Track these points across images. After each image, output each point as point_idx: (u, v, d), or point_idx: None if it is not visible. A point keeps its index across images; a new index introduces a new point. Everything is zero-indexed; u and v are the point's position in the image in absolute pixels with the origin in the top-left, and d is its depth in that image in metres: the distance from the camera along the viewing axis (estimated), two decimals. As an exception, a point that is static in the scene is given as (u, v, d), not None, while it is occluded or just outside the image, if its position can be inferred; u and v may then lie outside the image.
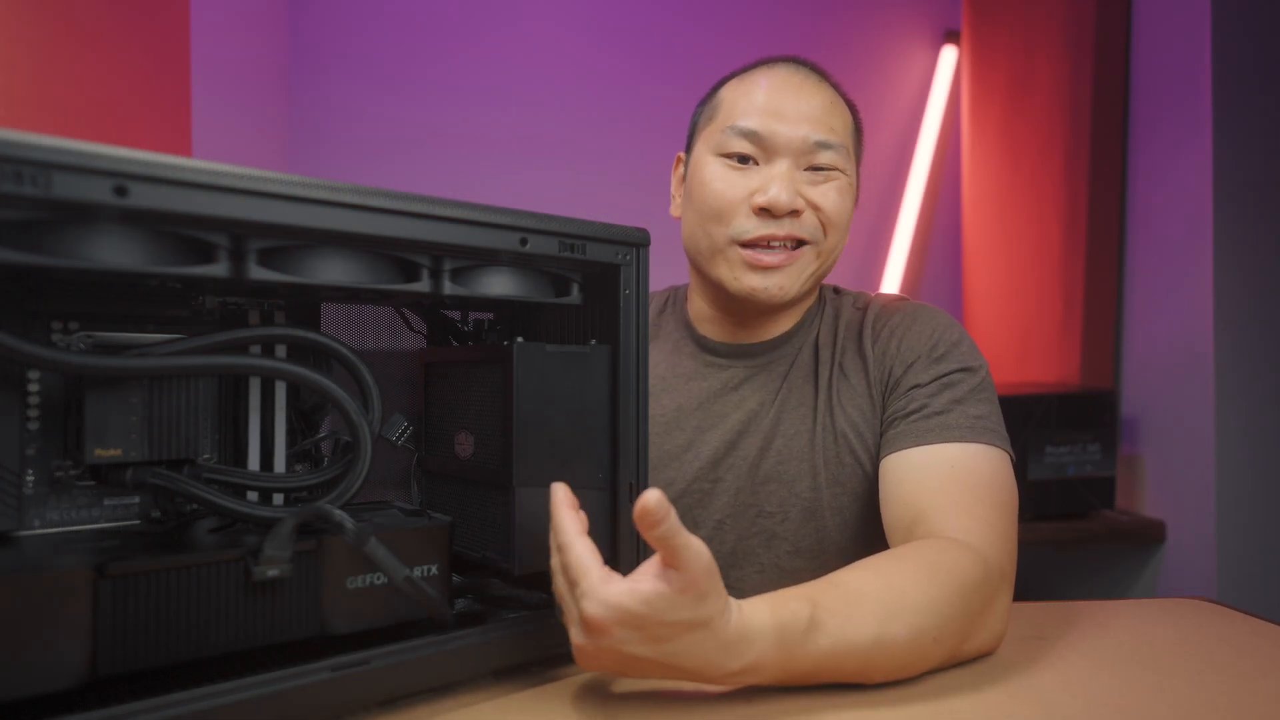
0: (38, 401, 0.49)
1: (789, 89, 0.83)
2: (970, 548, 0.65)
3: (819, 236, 0.83)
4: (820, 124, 0.82)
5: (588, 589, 0.48)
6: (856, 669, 0.55)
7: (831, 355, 0.87)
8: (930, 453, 0.75)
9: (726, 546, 0.86)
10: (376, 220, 0.49)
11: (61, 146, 0.39)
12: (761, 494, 0.85)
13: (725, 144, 0.83)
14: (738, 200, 0.82)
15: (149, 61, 1.41)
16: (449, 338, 0.69)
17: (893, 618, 0.56)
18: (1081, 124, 1.76)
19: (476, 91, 2.13)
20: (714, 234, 0.84)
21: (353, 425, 0.53)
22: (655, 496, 0.46)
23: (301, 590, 0.50)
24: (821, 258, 0.84)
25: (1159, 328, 1.57)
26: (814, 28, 2.22)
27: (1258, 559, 1.43)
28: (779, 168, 0.82)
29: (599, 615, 0.47)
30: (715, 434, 0.87)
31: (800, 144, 0.82)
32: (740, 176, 0.83)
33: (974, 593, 0.61)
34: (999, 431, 0.78)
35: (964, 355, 0.82)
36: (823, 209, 0.83)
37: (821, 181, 0.83)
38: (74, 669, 0.43)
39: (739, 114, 0.83)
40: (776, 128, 0.82)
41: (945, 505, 0.70)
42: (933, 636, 0.57)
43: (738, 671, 0.51)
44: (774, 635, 0.52)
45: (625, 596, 0.47)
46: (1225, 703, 0.55)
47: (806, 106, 0.82)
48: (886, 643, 0.55)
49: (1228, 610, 0.76)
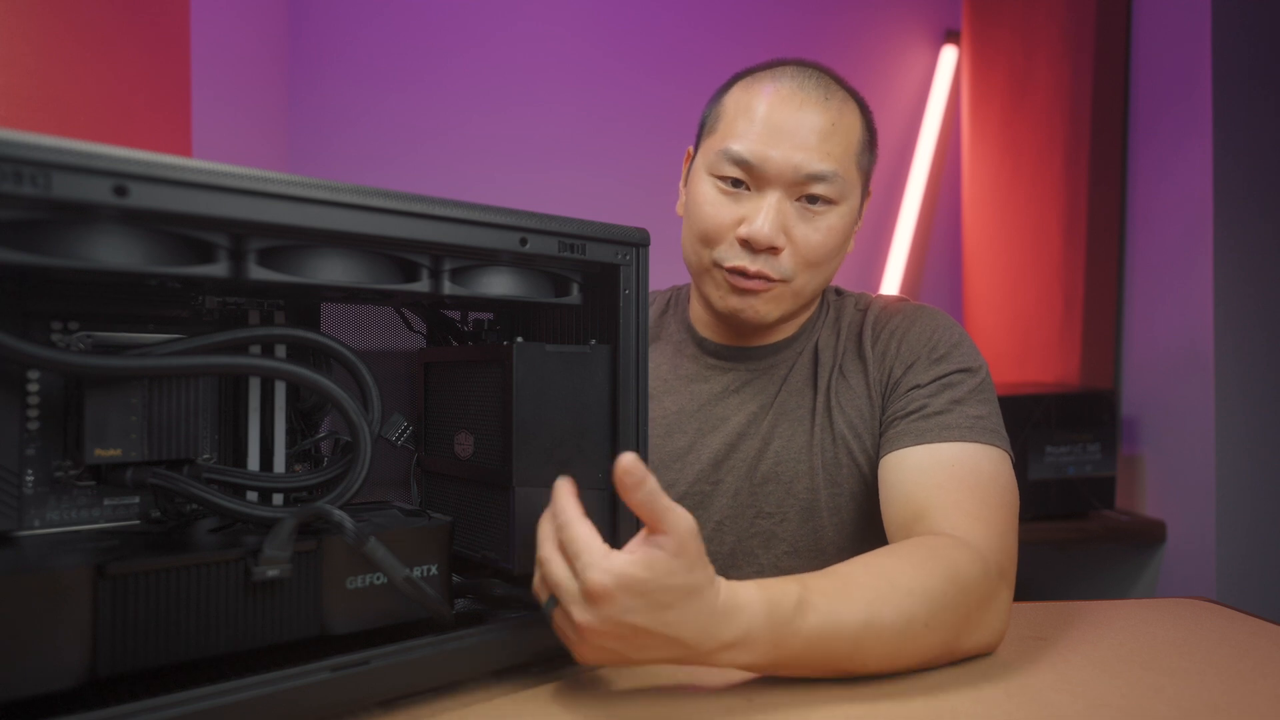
0: (38, 401, 0.49)
1: (790, 106, 0.80)
2: (967, 544, 0.65)
3: (792, 275, 0.82)
4: (816, 151, 0.80)
5: (590, 560, 0.49)
6: (848, 652, 0.56)
7: (832, 358, 0.88)
8: (930, 451, 0.76)
9: (725, 547, 0.86)
10: (376, 220, 0.49)
11: (61, 146, 0.39)
12: (760, 495, 0.86)
13: (719, 166, 0.82)
14: (724, 227, 0.82)
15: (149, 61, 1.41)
16: (449, 338, 0.69)
17: (882, 601, 0.57)
18: (1081, 124, 1.76)
19: (476, 91, 2.13)
20: (701, 254, 0.84)
21: (352, 425, 0.53)
22: (631, 457, 0.48)
23: (301, 590, 0.50)
24: (795, 294, 0.83)
25: (1159, 328, 1.57)
26: (814, 28, 2.22)
27: (1258, 559, 1.43)
28: (768, 199, 0.80)
29: (604, 583, 0.48)
30: (715, 437, 0.88)
31: (792, 175, 0.79)
32: (729, 203, 0.82)
33: (970, 587, 0.61)
34: (999, 431, 0.78)
35: (964, 356, 0.82)
36: (803, 249, 0.81)
37: (812, 217, 0.81)
38: (74, 669, 0.43)
39: (736, 134, 0.81)
40: (770, 155, 0.79)
41: (945, 504, 0.71)
42: (923, 622, 0.58)
43: (730, 643, 0.52)
44: (763, 608, 0.53)
45: (628, 563, 0.48)
46: (1225, 703, 0.55)
47: (805, 130, 0.80)
48: (876, 625, 0.56)
49: (1228, 610, 0.76)
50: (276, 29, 2.02)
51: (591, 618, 0.49)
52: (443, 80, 2.12)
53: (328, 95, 2.09)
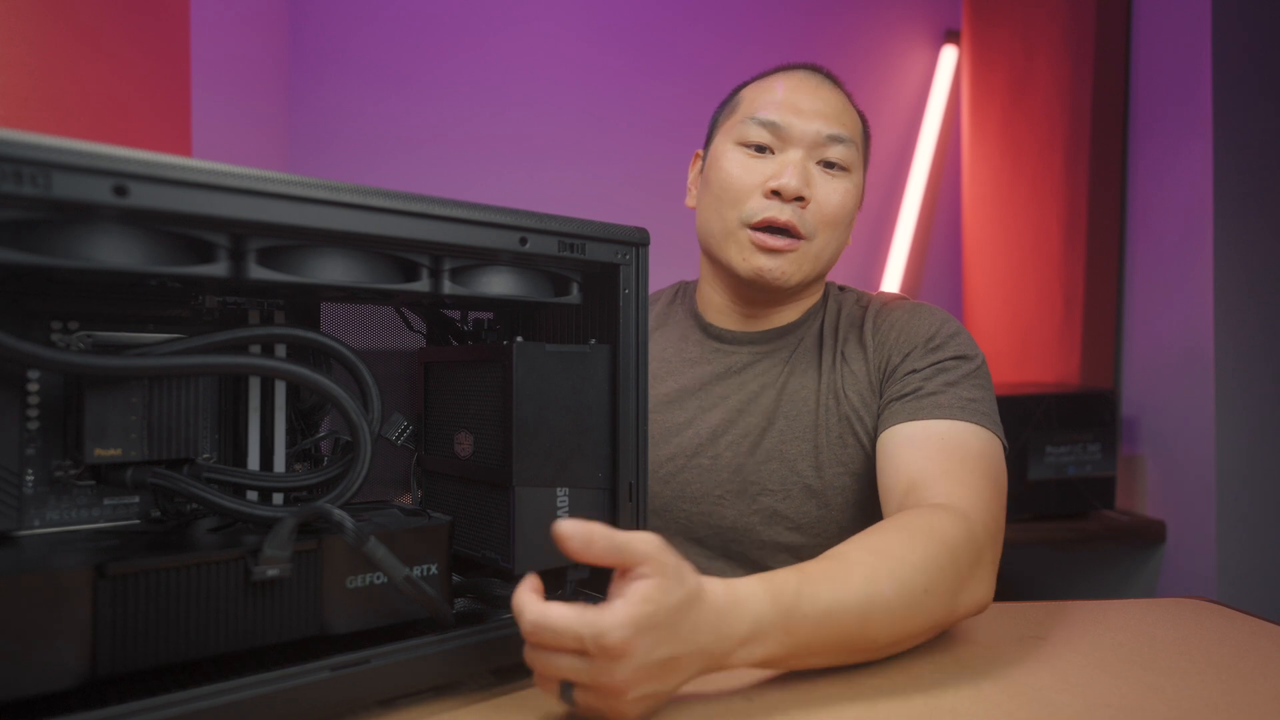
0: (38, 401, 0.49)
1: (806, 89, 0.89)
2: (953, 509, 0.68)
3: (813, 232, 0.88)
4: (834, 120, 0.88)
5: (598, 629, 0.47)
6: (856, 628, 0.57)
7: (835, 343, 0.91)
8: (922, 427, 0.79)
9: (726, 522, 0.88)
10: (376, 220, 0.49)
11: (61, 146, 0.39)
12: (763, 472, 0.87)
13: (745, 134, 0.89)
14: (753, 185, 0.87)
15: (149, 61, 1.41)
16: (449, 337, 0.69)
17: (880, 575, 0.58)
18: (1081, 124, 1.76)
19: (476, 91, 2.13)
20: (727, 217, 0.88)
21: (352, 425, 0.53)
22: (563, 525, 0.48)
23: (301, 590, 0.50)
24: (815, 257, 0.89)
25: (1159, 328, 1.57)
26: (814, 27, 2.22)
27: (1258, 559, 1.43)
28: (793, 155, 0.87)
29: (622, 636, 0.46)
30: (716, 413, 0.90)
31: (814, 136, 0.87)
32: (757, 163, 0.88)
33: (958, 549, 0.64)
34: (991, 416, 0.80)
35: (960, 345, 0.86)
36: (825, 205, 0.87)
37: (830, 179, 0.88)
38: (74, 669, 0.43)
39: (758, 108, 0.89)
40: (793, 120, 0.87)
41: (935, 473, 0.74)
42: (922, 588, 0.60)
43: (744, 638, 0.52)
44: (767, 598, 0.53)
45: (630, 607, 0.47)
46: (1225, 703, 0.55)
47: (822, 104, 0.89)
48: (878, 598, 0.57)
49: (1228, 610, 0.76)
50: (276, 29, 2.02)
51: (626, 672, 0.47)
52: (443, 80, 2.12)
53: (328, 95, 2.09)
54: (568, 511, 0.59)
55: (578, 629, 0.47)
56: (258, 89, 1.91)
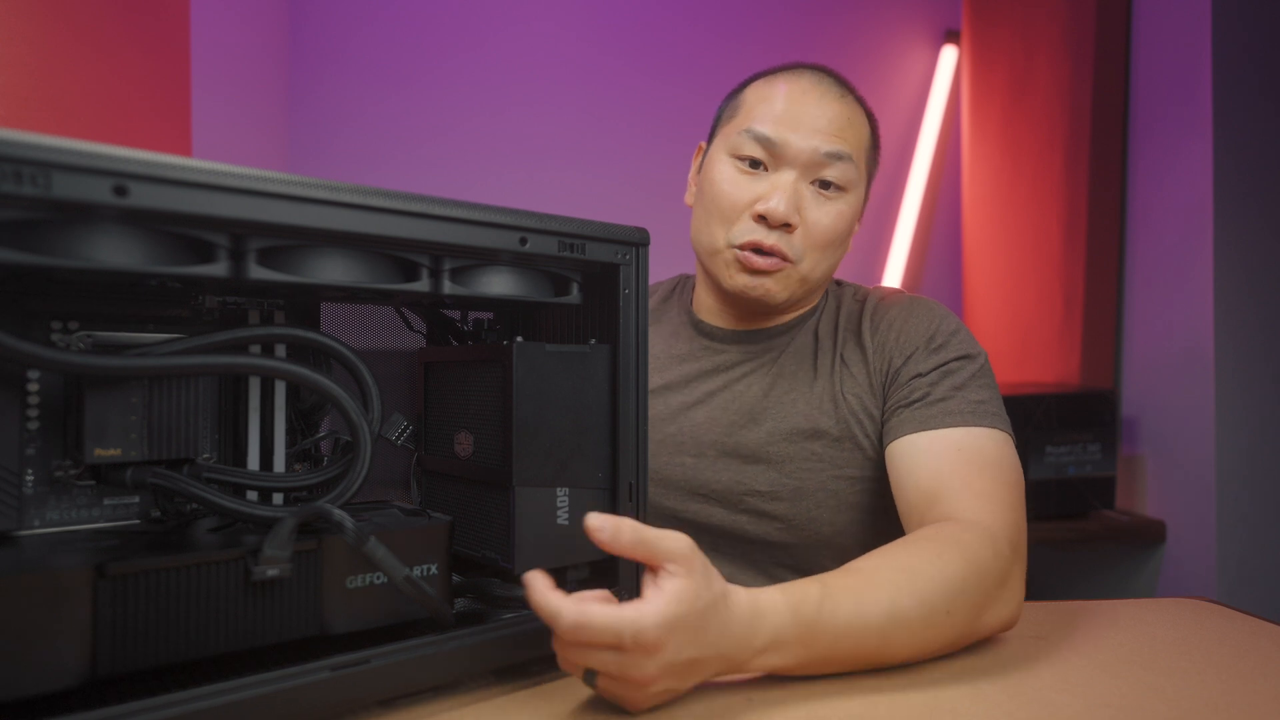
0: (38, 401, 0.49)
1: (809, 98, 0.85)
2: (979, 526, 0.67)
3: (801, 255, 0.85)
4: (834, 135, 0.84)
5: (639, 625, 0.48)
6: (875, 646, 0.57)
7: (833, 345, 0.90)
8: (936, 437, 0.78)
9: (714, 520, 0.87)
10: (376, 220, 0.49)
11: (61, 146, 0.39)
12: (750, 472, 0.87)
13: (739, 146, 0.86)
14: (742, 205, 0.85)
15: (149, 61, 1.41)
16: (449, 337, 0.69)
17: (903, 592, 0.58)
18: (1081, 124, 1.76)
19: (476, 91, 2.13)
20: (715, 234, 0.87)
21: (352, 425, 0.53)
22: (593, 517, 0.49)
23: (301, 590, 0.50)
24: (803, 279, 0.86)
25: (1159, 328, 1.57)
26: (814, 27, 2.22)
27: (1258, 559, 1.43)
28: (784, 177, 0.84)
29: (658, 634, 0.48)
30: (701, 410, 0.90)
31: (810, 155, 0.84)
32: (748, 181, 0.85)
33: (986, 569, 0.63)
34: (1000, 415, 0.80)
35: (962, 343, 0.85)
36: (814, 230, 0.85)
37: (824, 201, 0.85)
38: (74, 669, 0.43)
39: (756, 118, 0.86)
40: (789, 136, 0.84)
41: (956, 486, 0.73)
42: (944, 609, 0.59)
43: (763, 647, 0.53)
44: (787, 610, 0.54)
45: (664, 606, 0.48)
46: (1225, 703, 0.55)
47: (823, 117, 0.84)
48: (900, 617, 0.57)
49: (1228, 610, 0.76)
50: (276, 29, 2.02)
51: (654, 667, 0.49)
52: (443, 80, 2.12)
53: (328, 95, 2.09)
54: (568, 511, 0.59)
55: (618, 627, 0.48)
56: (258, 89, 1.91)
